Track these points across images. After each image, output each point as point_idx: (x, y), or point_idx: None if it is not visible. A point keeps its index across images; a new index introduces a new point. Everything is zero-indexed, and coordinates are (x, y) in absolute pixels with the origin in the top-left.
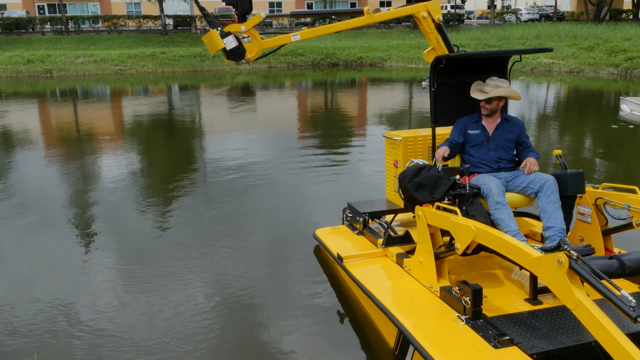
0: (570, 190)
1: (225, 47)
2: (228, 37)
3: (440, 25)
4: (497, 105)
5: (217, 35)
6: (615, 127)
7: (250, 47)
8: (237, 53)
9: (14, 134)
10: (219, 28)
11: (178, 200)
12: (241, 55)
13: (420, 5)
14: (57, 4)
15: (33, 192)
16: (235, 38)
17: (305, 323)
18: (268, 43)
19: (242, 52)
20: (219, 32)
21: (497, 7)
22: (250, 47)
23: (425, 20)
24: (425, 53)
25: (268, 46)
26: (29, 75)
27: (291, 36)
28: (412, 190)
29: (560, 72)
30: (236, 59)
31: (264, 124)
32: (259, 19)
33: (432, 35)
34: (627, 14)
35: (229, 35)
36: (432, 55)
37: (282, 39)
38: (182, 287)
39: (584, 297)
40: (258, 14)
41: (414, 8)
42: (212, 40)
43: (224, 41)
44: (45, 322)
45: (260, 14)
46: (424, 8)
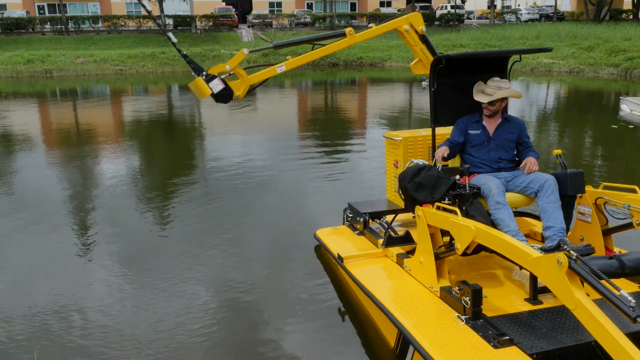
0: (570, 189)
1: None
2: (213, 81)
3: (425, 36)
4: (500, 107)
5: (202, 82)
6: (615, 127)
7: (237, 85)
8: (225, 95)
9: (14, 134)
10: (204, 73)
11: (178, 200)
12: (229, 97)
13: (401, 19)
14: (57, 4)
15: (33, 192)
16: (221, 80)
17: (306, 323)
18: (254, 78)
19: (230, 93)
20: (204, 78)
21: (497, 7)
22: (237, 85)
23: (408, 34)
24: (412, 65)
25: (254, 81)
26: (29, 75)
27: (276, 68)
28: (412, 191)
29: (560, 72)
30: (225, 101)
31: (264, 124)
32: (242, 56)
33: (417, 47)
34: (627, 14)
35: (214, 78)
36: (419, 66)
37: (268, 72)
38: (182, 287)
39: (583, 297)
40: (241, 51)
41: (396, 22)
42: (198, 87)
43: (209, 86)
44: (46, 322)
45: (242, 51)
46: (405, 21)
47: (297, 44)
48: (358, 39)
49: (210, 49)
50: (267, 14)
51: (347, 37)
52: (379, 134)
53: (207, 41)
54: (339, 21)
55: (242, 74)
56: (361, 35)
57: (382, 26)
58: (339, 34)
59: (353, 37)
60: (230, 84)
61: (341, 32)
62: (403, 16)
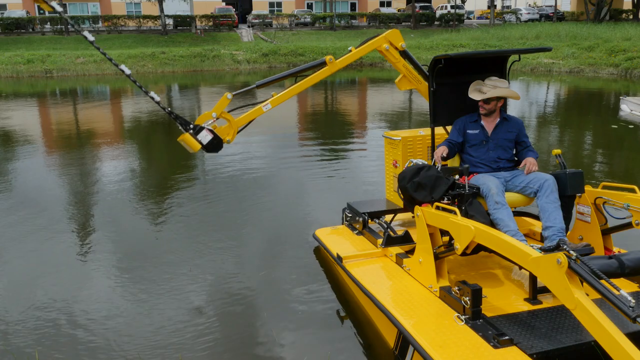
0: (569, 189)
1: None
2: (201, 132)
3: (406, 52)
4: (496, 106)
5: (190, 137)
6: (615, 127)
7: (226, 130)
8: (215, 144)
9: (14, 134)
10: (191, 126)
11: (177, 200)
12: (220, 145)
13: (380, 39)
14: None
15: (32, 192)
16: (209, 131)
17: (305, 323)
18: (241, 120)
19: (220, 142)
20: (191, 132)
21: (497, 7)
22: (226, 130)
23: (389, 52)
24: (397, 82)
25: (242, 123)
26: (29, 75)
27: (262, 107)
28: (412, 190)
29: (560, 72)
30: (216, 151)
31: (263, 124)
32: (226, 101)
33: (400, 64)
34: (627, 14)
35: (202, 130)
36: (404, 82)
37: (254, 112)
38: (182, 287)
39: (583, 297)
40: (224, 96)
41: (375, 43)
42: (187, 143)
43: (198, 139)
44: (46, 322)
45: (226, 96)
46: (384, 40)
47: (280, 80)
48: (338, 65)
49: (210, 49)
50: (267, 14)
51: (328, 65)
52: (378, 134)
53: (207, 41)
54: (339, 21)
55: (228, 118)
56: (341, 61)
57: (362, 48)
58: (319, 63)
59: (334, 65)
60: (219, 130)
61: (321, 61)
62: (381, 35)
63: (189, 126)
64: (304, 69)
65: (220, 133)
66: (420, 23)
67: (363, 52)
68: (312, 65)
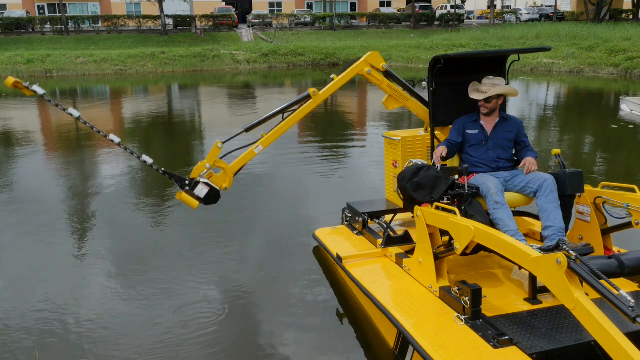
0: (569, 189)
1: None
2: (197, 187)
3: (388, 71)
4: (496, 104)
5: (186, 195)
6: (615, 127)
7: (221, 178)
8: (213, 196)
9: (14, 134)
10: (186, 181)
11: (176, 200)
12: (218, 196)
13: (360, 63)
14: (57, 4)
15: (33, 193)
16: (205, 184)
17: (305, 323)
18: (235, 166)
19: (217, 193)
20: (187, 188)
21: (497, 7)
22: (221, 178)
23: (371, 75)
24: (383, 102)
25: (236, 169)
26: (29, 75)
27: (254, 150)
28: (411, 191)
29: (560, 72)
30: (215, 202)
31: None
32: (217, 150)
33: (384, 85)
34: (627, 14)
35: (198, 184)
36: (391, 102)
37: (247, 155)
38: (182, 287)
39: (583, 297)
40: (215, 145)
41: (357, 68)
42: (185, 201)
43: (195, 194)
44: (47, 322)
45: (217, 145)
46: (365, 64)
47: (267, 120)
48: (322, 96)
49: (210, 49)
50: (267, 14)
51: (313, 98)
52: (378, 134)
53: (207, 41)
54: (339, 21)
55: (222, 166)
56: (325, 91)
57: (344, 75)
58: (304, 97)
59: (318, 97)
60: (214, 179)
61: (305, 95)
62: (361, 59)
63: (184, 182)
64: (289, 105)
65: (217, 182)
66: (420, 23)
67: (346, 79)
68: (297, 100)
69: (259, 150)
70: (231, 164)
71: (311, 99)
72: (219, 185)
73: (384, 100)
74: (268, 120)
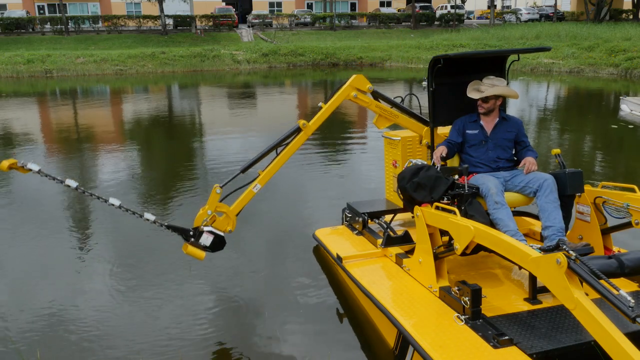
0: (569, 189)
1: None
2: (202, 237)
3: (375, 92)
4: (494, 104)
5: (192, 248)
6: (615, 127)
7: (224, 222)
8: (218, 243)
9: (14, 134)
10: (190, 233)
11: (177, 201)
12: (223, 242)
13: (346, 88)
14: (57, 4)
15: (33, 193)
16: (209, 232)
17: (305, 323)
18: (237, 208)
19: (222, 239)
20: (192, 240)
21: (497, 7)
22: (224, 222)
23: (358, 99)
24: (374, 122)
25: (238, 210)
26: (29, 75)
27: (252, 189)
28: (411, 191)
29: (560, 72)
30: (221, 248)
31: (263, 123)
32: (216, 195)
33: (372, 106)
34: (627, 14)
35: (202, 233)
36: (382, 121)
37: (246, 195)
38: (182, 287)
39: (582, 297)
40: (214, 190)
41: (342, 94)
42: (192, 254)
43: (201, 243)
44: (48, 322)
45: (215, 190)
46: (351, 89)
47: (262, 158)
48: (313, 127)
49: (210, 49)
50: (267, 14)
51: (303, 130)
52: (378, 134)
53: (207, 41)
54: (339, 21)
55: (224, 210)
56: (314, 121)
57: (331, 102)
58: (294, 130)
59: (308, 128)
60: (217, 224)
61: (296, 128)
62: (346, 84)
63: (188, 234)
64: (281, 140)
65: (220, 226)
66: (420, 23)
67: (334, 106)
68: (288, 134)
69: (258, 189)
70: (232, 206)
71: (302, 131)
72: (223, 229)
73: (374, 120)
74: (263, 157)
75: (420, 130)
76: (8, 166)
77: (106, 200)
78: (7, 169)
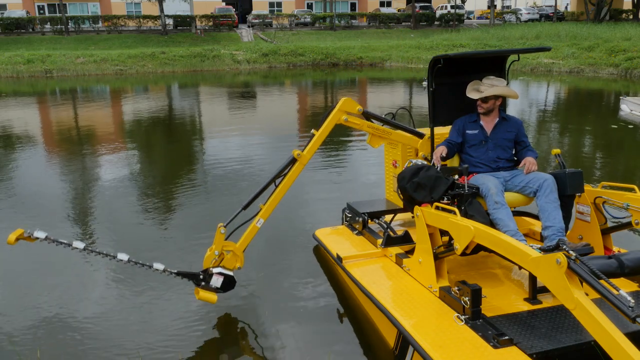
0: (569, 189)
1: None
2: (212, 279)
3: (365, 112)
4: (494, 104)
5: (204, 293)
6: (615, 127)
7: (232, 260)
8: (228, 283)
9: (14, 134)
10: (200, 276)
11: (177, 200)
12: (233, 281)
13: (336, 113)
14: (57, 4)
15: (33, 193)
16: (219, 274)
17: (305, 323)
18: (243, 244)
19: (232, 278)
20: (202, 284)
21: (497, 7)
22: (232, 260)
23: (349, 122)
24: (368, 142)
25: (244, 246)
26: (29, 75)
27: (256, 224)
28: (411, 191)
29: (560, 72)
30: (232, 287)
31: (263, 123)
32: (221, 235)
33: (365, 127)
34: (627, 14)
35: (212, 276)
36: (375, 140)
37: (251, 231)
38: (182, 287)
39: (582, 297)
40: (218, 230)
41: (333, 119)
42: (204, 298)
43: (211, 286)
44: (48, 321)
45: (220, 230)
46: (340, 113)
47: (262, 192)
48: (307, 156)
49: (210, 49)
50: (267, 14)
51: (299, 160)
52: None
53: (207, 41)
54: (339, 21)
55: (230, 248)
56: (308, 150)
57: (323, 129)
58: (290, 162)
59: (303, 157)
60: (226, 262)
61: (291, 159)
62: (335, 109)
63: (199, 278)
64: (279, 173)
65: (229, 264)
66: (420, 23)
67: (326, 133)
68: (285, 166)
69: (261, 223)
70: (238, 243)
71: (298, 161)
72: (232, 266)
73: (368, 140)
74: (263, 192)
75: (415, 144)
76: (16, 239)
77: (114, 256)
78: (15, 242)
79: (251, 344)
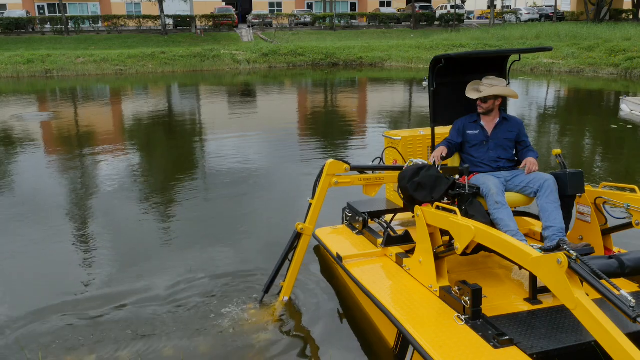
0: (569, 189)
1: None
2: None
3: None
4: (493, 104)
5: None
6: (615, 127)
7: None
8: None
9: (14, 133)
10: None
11: (176, 199)
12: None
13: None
14: (57, 4)
15: (33, 193)
16: None
17: (305, 323)
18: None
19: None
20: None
21: (497, 7)
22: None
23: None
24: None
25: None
26: (29, 75)
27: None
28: (412, 190)
29: (560, 72)
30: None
31: (263, 123)
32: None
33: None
34: (627, 14)
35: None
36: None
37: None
38: (182, 287)
39: (583, 297)
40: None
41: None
42: None
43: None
44: (48, 322)
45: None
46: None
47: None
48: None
49: (210, 49)
50: (267, 14)
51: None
52: (379, 133)
53: (207, 41)
54: (339, 21)
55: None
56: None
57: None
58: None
59: (307, 229)
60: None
61: (296, 234)
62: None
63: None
64: (288, 250)
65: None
66: (420, 23)
67: (321, 199)
68: (291, 241)
69: (286, 300)
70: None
71: (303, 235)
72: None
73: (363, 191)
74: (278, 272)
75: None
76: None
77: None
78: None
79: (251, 343)
